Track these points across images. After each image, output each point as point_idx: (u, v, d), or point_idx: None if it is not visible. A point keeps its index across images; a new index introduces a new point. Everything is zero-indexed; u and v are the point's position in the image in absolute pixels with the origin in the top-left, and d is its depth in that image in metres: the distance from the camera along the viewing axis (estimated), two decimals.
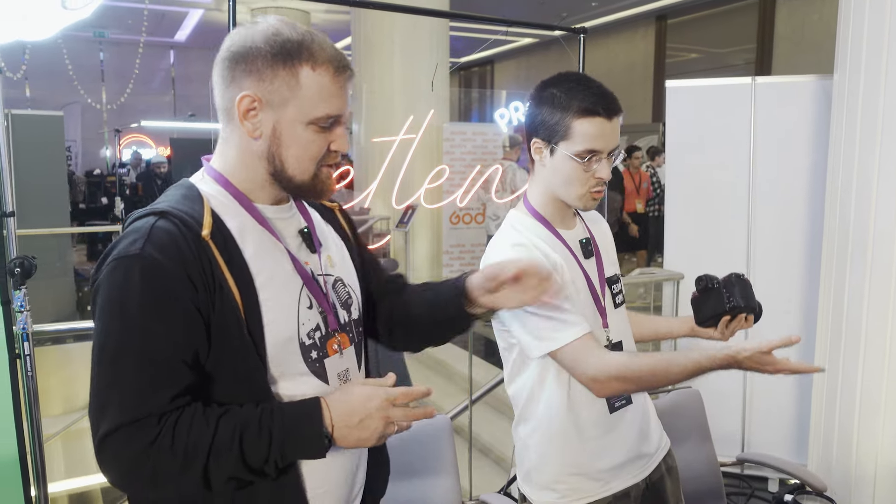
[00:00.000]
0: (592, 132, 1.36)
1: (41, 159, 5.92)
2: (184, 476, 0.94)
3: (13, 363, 2.08)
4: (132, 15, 10.55)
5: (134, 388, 0.93)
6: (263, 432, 0.95)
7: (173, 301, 0.95)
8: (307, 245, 1.13)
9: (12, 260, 1.98)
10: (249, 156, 1.05)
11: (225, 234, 1.01)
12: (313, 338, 1.08)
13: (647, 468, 1.54)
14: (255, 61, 1.00)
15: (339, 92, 1.03)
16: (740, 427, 3.48)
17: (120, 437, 0.92)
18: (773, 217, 3.35)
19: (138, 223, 0.99)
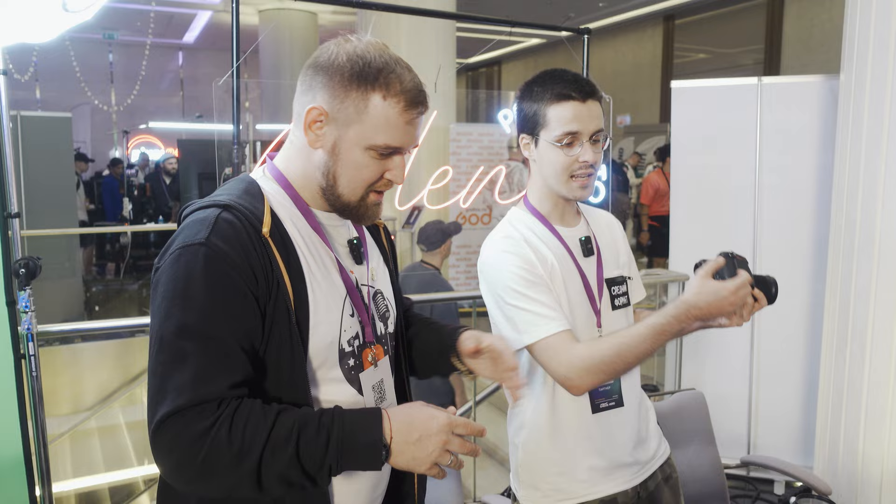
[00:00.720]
0: (567, 115, 1.39)
1: (49, 160, 5.96)
2: (238, 467, 0.92)
3: (18, 363, 2.09)
4: (141, 17, 10.61)
5: (195, 373, 0.93)
6: (322, 433, 0.94)
7: (236, 290, 0.96)
8: (354, 256, 1.15)
9: (17, 261, 1.99)
10: (309, 164, 1.07)
11: (283, 233, 1.03)
12: (353, 346, 1.10)
13: (640, 475, 1.51)
14: (333, 77, 1.02)
15: (405, 126, 1.04)
16: (746, 430, 3.46)
17: (178, 420, 0.91)
18: (780, 217, 3.34)
19: (201, 213, 1.01)
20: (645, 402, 1.57)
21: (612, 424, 1.47)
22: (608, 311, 1.49)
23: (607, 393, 1.46)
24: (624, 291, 1.54)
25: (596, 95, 1.42)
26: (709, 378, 3.45)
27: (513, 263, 1.40)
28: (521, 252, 1.41)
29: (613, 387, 1.47)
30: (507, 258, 1.42)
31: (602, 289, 1.49)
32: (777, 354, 3.38)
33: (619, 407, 1.47)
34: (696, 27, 11.64)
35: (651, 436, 1.56)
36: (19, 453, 2.13)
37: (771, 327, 3.37)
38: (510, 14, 6.28)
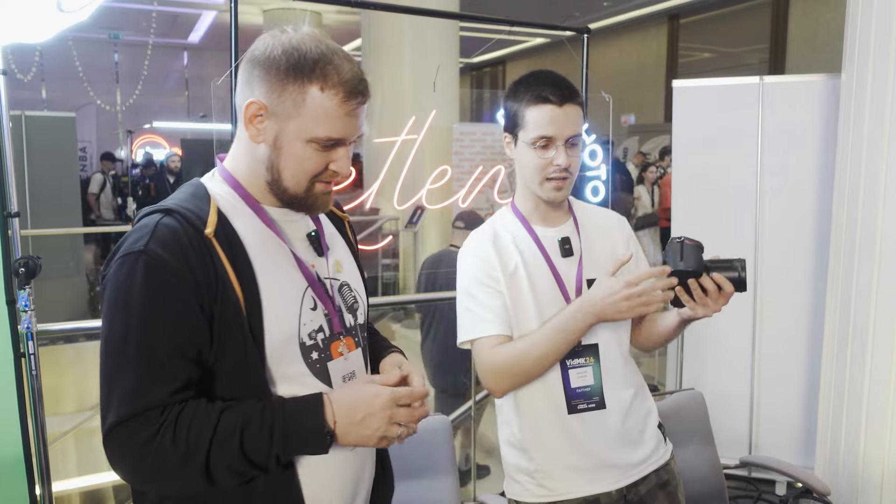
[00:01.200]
0: (542, 118, 1.40)
1: (54, 160, 5.99)
2: (186, 468, 0.95)
3: (18, 362, 2.10)
4: (146, 17, 10.65)
5: (136, 382, 0.95)
6: (265, 426, 0.96)
7: (176, 297, 0.96)
8: (315, 248, 1.14)
9: (17, 260, 2.00)
10: (254, 159, 1.07)
11: (230, 233, 1.03)
12: (315, 339, 1.09)
13: (627, 478, 1.48)
14: (270, 70, 1.01)
15: (345, 117, 1.02)
16: (747, 430, 3.45)
17: (124, 430, 0.94)
18: (782, 217, 3.32)
19: (144, 220, 1.01)
20: (640, 405, 1.53)
21: (592, 425, 1.45)
22: None
23: (586, 395, 1.45)
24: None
25: (575, 100, 1.42)
26: (710, 378, 3.44)
27: (470, 265, 1.46)
28: (483, 254, 1.46)
29: (594, 388, 1.45)
30: (467, 259, 1.48)
31: (581, 289, 1.47)
32: (778, 354, 3.37)
33: (600, 409, 1.45)
34: (700, 26, 11.62)
35: (645, 439, 1.52)
36: (19, 452, 2.14)
37: (772, 327, 3.36)
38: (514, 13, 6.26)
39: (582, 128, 1.45)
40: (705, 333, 3.48)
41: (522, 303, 1.45)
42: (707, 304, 1.35)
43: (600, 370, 1.46)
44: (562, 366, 1.44)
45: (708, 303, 1.35)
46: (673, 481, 1.56)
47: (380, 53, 7.12)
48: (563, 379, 1.44)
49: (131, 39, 12.43)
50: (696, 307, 1.36)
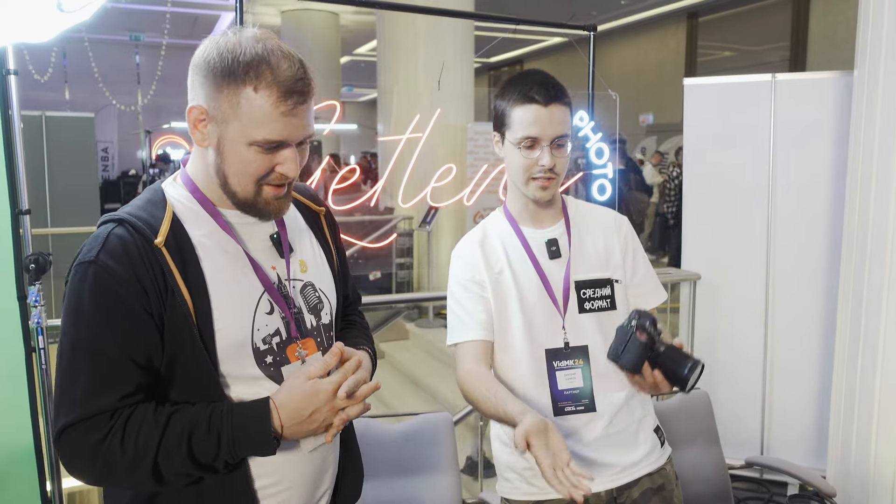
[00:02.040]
0: (527, 119, 1.39)
1: (73, 159, 6.08)
2: (133, 472, 0.98)
3: (29, 357, 2.14)
4: (166, 19, 10.78)
5: (86, 387, 0.98)
6: (212, 432, 0.99)
7: (124, 305, 0.98)
8: (277, 250, 1.13)
9: (27, 256, 2.04)
10: (205, 163, 1.07)
11: (181, 240, 1.04)
12: (270, 343, 1.09)
13: (616, 480, 1.46)
14: (207, 75, 1.01)
15: (282, 117, 1.00)
16: (759, 431, 3.42)
17: (73, 433, 0.98)
18: (794, 216, 3.29)
19: (99, 230, 1.04)
20: (634, 408, 1.51)
21: (580, 426, 1.44)
22: (574, 314, 1.46)
23: (575, 397, 1.44)
24: (603, 295, 1.48)
25: (562, 100, 1.40)
26: (721, 378, 3.41)
27: (457, 268, 1.49)
28: (470, 257, 1.48)
29: (583, 391, 1.44)
30: (455, 262, 1.50)
31: (569, 291, 1.46)
32: (791, 354, 3.33)
33: (589, 412, 1.44)
34: (720, 24, 11.50)
35: (639, 442, 1.50)
36: (30, 447, 2.18)
37: (784, 326, 3.33)
38: (531, 13, 6.25)
39: (569, 128, 1.43)
40: (716, 334, 3.45)
41: (508, 305, 1.45)
42: (642, 385, 1.33)
43: (590, 372, 1.44)
44: (548, 367, 1.43)
45: (643, 385, 1.33)
46: (668, 486, 1.53)
47: (395, 53, 7.14)
48: (549, 380, 1.43)
49: (152, 41, 12.59)
50: (632, 384, 1.37)
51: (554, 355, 1.42)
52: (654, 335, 1.28)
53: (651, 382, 1.30)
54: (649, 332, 1.28)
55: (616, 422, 1.46)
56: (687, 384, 1.25)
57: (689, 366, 1.25)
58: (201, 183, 1.09)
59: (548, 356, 1.43)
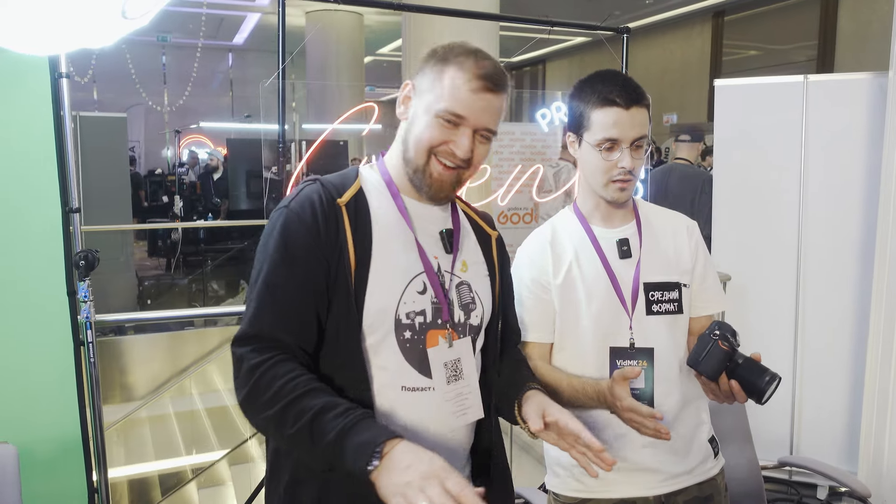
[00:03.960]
0: (608, 121, 1.40)
1: (106, 159, 6.20)
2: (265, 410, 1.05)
3: (77, 351, 2.21)
4: (193, 19, 10.92)
5: (258, 308, 1.10)
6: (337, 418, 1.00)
7: (303, 247, 1.11)
8: (444, 245, 1.22)
9: (77, 253, 2.11)
10: (399, 141, 1.22)
11: (361, 207, 1.16)
12: (412, 320, 1.15)
13: (666, 486, 1.47)
14: (429, 59, 1.18)
15: (470, 94, 1.13)
16: (789, 432, 3.41)
17: (239, 348, 1.09)
18: (826, 218, 3.28)
19: (297, 189, 1.19)
20: (692, 416, 1.51)
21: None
22: (642, 315, 1.46)
23: (634, 398, 1.42)
24: (671, 298, 1.48)
25: (642, 102, 1.41)
26: None
27: (523, 267, 1.50)
28: (538, 257, 1.49)
29: (643, 392, 1.44)
30: (522, 261, 1.51)
31: (637, 292, 1.46)
32: (821, 356, 3.32)
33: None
34: (746, 23, 11.40)
35: (692, 450, 1.50)
36: (78, 439, 2.25)
37: (815, 327, 3.32)
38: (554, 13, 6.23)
39: (647, 129, 1.44)
40: (747, 334, 3.43)
41: (575, 303, 1.45)
42: (717, 394, 1.36)
43: (653, 375, 1.45)
44: (611, 365, 1.44)
45: (718, 394, 1.36)
46: (717, 497, 1.53)
47: (420, 54, 7.14)
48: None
49: (178, 42, 12.76)
50: (707, 392, 1.40)
51: (618, 354, 1.43)
52: (735, 346, 1.32)
53: (726, 392, 1.32)
54: (731, 342, 1.32)
55: (673, 428, 1.45)
56: (763, 396, 1.29)
57: (767, 379, 1.29)
58: (392, 168, 1.22)
59: (612, 354, 1.44)
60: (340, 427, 0.98)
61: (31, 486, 1.97)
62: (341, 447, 0.98)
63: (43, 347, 2.16)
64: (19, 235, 2.12)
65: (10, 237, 2.10)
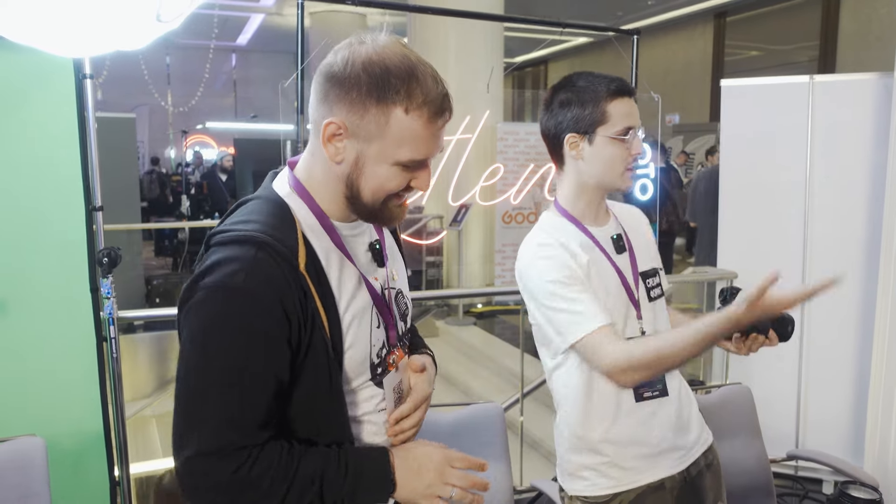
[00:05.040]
0: (626, 110, 1.47)
1: (114, 159, 6.24)
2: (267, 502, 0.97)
3: (100, 346, 2.25)
4: (196, 20, 10.97)
5: (220, 417, 0.95)
6: (340, 474, 0.99)
7: (267, 337, 0.95)
8: (376, 260, 1.13)
9: (100, 251, 2.15)
10: (331, 175, 1.04)
11: (315, 262, 1.01)
12: (381, 356, 1.11)
13: (685, 461, 1.55)
14: (350, 90, 0.96)
15: (430, 138, 0.99)
16: (794, 428, 3.45)
17: (203, 464, 0.95)
18: (831, 218, 3.32)
19: (237, 251, 0.97)
20: (686, 390, 1.62)
21: (655, 412, 1.51)
22: (645, 302, 1.55)
23: (651, 383, 1.51)
24: (657, 283, 1.59)
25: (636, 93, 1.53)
26: (757, 374, 3.45)
27: (549, 268, 1.45)
28: (557, 256, 1.46)
29: (657, 377, 1.51)
30: (543, 264, 1.47)
31: (638, 282, 1.54)
32: (827, 352, 3.36)
33: (662, 396, 1.52)
34: (748, 24, 11.44)
35: (693, 422, 1.59)
36: (100, 432, 2.29)
37: (821, 325, 3.36)
38: (557, 13, 6.29)
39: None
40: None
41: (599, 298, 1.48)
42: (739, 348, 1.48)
43: None
44: None
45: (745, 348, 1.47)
46: (715, 461, 1.64)
47: (425, 54, 7.05)
48: None
49: (182, 42, 12.81)
50: (741, 348, 1.48)
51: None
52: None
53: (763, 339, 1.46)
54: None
55: (681, 404, 1.56)
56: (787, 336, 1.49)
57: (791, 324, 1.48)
58: (316, 192, 1.06)
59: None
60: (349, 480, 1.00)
61: (58, 479, 2.01)
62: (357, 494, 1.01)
63: (67, 343, 2.20)
64: (44, 233, 2.16)
65: (35, 235, 2.15)
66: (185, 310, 0.98)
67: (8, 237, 2.12)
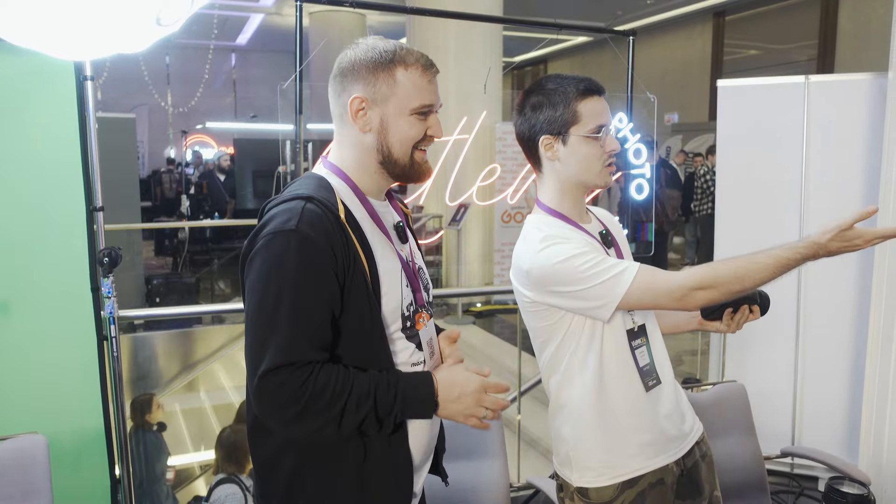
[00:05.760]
0: (597, 109, 1.50)
1: (114, 159, 6.26)
2: (323, 415, 1.13)
3: (101, 345, 2.28)
4: (196, 20, 10.99)
5: (290, 336, 1.12)
6: (391, 391, 1.17)
7: (320, 269, 1.14)
8: (400, 237, 1.33)
9: (101, 251, 2.18)
10: (362, 150, 1.26)
11: (351, 218, 1.22)
12: (409, 311, 1.29)
13: (683, 448, 1.58)
14: (360, 70, 1.22)
15: (429, 86, 1.24)
16: (790, 425, 3.48)
17: (278, 376, 1.11)
18: (827, 218, 3.26)
19: (288, 205, 1.18)
20: (675, 379, 1.66)
21: (657, 401, 1.55)
22: None
23: (649, 372, 1.54)
24: None
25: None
26: (752, 372, 3.48)
27: (562, 250, 1.44)
28: (564, 242, 1.46)
29: (651, 366, 1.55)
30: (553, 249, 1.45)
31: None
32: (823, 350, 3.38)
33: (659, 384, 1.56)
34: (747, 23, 11.46)
35: (686, 410, 1.64)
36: (101, 431, 2.31)
37: (817, 322, 3.38)
38: (557, 12, 6.31)
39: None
40: (748, 327, 3.50)
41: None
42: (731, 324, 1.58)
43: (650, 348, 1.57)
44: (630, 347, 1.53)
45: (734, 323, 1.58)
46: (709, 452, 1.67)
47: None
48: (633, 360, 1.53)
49: (182, 42, 12.82)
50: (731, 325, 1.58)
51: (631, 335, 1.53)
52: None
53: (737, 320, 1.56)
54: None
55: (675, 391, 1.60)
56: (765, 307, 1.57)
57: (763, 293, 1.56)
58: (353, 173, 1.28)
59: (628, 336, 1.53)
60: (399, 399, 1.17)
61: (59, 476, 2.03)
62: (406, 412, 1.19)
63: (68, 341, 2.23)
64: (45, 233, 2.19)
65: (37, 234, 2.18)
66: (251, 256, 1.17)
67: (10, 237, 2.14)
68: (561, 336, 1.53)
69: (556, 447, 1.62)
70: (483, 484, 2.05)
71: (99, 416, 2.31)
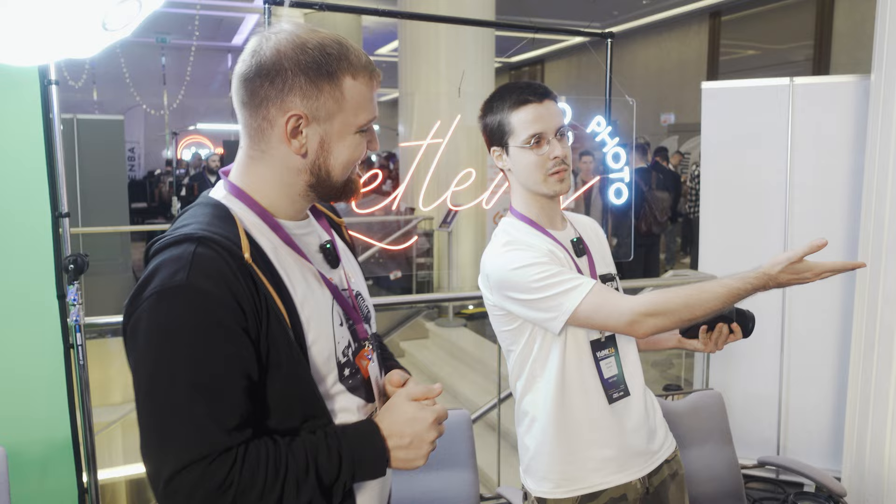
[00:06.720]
0: (528, 118, 1.47)
1: (103, 161, 6.24)
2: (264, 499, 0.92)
3: (67, 353, 2.24)
4: (192, 21, 10.96)
5: (195, 422, 0.89)
6: (333, 456, 0.97)
7: (225, 330, 0.91)
8: (328, 260, 1.10)
9: (67, 257, 2.14)
10: (286, 171, 1.02)
11: (262, 255, 0.98)
12: (347, 355, 1.07)
13: (648, 466, 1.55)
14: (296, 77, 0.97)
15: (373, 96, 1.04)
16: (776, 432, 3.44)
17: (191, 477, 0.88)
18: (811, 220, 3.31)
19: (176, 251, 0.93)
20: (650, 395, 1.61)
21: (623, 414, 1.52)
22: None
23: (615, 384, 1.51)
24: (616, 288, 1.59)
25: (551, 96, 1.50)
26: (738, 379, 3.44)
27: (521, 256, 1.43)
28: (526, 249, 1.45)
29: (619, 377, 1.52)
30: (513, 255, 1.44)
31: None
32: (808, 357, 3.35)
33: (626, 396, 1.52)
34: (743, 23, 11.43)
35: (658, 426, 1.59)
36: (68, 439, 2.28)
37: (802, 328, 3.35)
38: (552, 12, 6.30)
39: (565, 119, 1.51)
40: None
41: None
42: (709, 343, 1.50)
43: (620, 359, 1.54)
44: (594, 358, 1.50)
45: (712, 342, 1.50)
46: (680, 471, 1.63)
47: (417, 56, 7.21)
48: (597, 371, 1.50)
49: (178, 43, 12.80)
50: (707, 343, 1.51)
51: (596, 346, 1.50)
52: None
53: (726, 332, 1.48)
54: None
55: (645, 405, 1.56)
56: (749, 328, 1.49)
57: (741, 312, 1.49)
58: (259, 194, 1.03)
59: (592, 347, 1.50)
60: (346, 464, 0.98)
61: (21, 487, 2.00)
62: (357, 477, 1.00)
63: (33, 350, 2.19)
64: (10, 240, 2.15)
65: (1, 241, 2.14)
66: (132, 324, 0.93)
67: None
68: (523, 342, 1.52)
69: (520, 454, 1.61)
70: (452, 495, 2.02)
71: (66, 426, 2.27)
